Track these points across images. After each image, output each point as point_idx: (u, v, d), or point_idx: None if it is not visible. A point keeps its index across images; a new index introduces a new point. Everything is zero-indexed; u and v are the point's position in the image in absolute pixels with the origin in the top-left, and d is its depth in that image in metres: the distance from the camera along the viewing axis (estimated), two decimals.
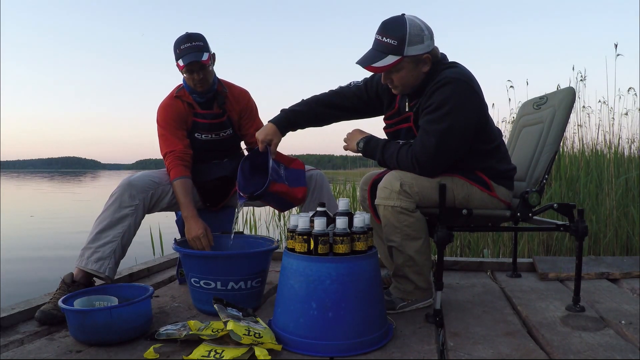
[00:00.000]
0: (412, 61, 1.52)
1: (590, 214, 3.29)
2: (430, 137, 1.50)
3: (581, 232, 1.62)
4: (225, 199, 2.10)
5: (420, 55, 1.52)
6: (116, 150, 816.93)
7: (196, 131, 1.98)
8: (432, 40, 1.55)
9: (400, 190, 1.54)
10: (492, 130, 1.65)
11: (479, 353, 1.29)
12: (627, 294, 1.88)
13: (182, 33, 1.88)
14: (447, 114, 1.48)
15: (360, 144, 1.68)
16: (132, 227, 1.77)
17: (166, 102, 1.96)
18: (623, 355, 1.26)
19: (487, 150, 1.63)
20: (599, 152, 3.96)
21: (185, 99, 1.95)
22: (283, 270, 1.38)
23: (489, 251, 3.42)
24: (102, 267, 1.68)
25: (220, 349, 1.24)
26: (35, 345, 1.37)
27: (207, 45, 1.88)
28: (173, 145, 1.90)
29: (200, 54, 1.83)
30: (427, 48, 1.52)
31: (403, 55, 1.49)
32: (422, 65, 1.55)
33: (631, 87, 4.16)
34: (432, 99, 1.51)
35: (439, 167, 1.57)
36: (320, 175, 2.01)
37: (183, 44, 1.83)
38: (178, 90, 1.97)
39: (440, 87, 1.49)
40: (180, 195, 1.83)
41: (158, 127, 1.96)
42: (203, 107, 1.98)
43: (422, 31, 1.51)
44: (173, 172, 1.86)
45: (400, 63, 1.51)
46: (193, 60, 1.80)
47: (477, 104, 1.54)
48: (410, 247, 1.58)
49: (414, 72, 1.55)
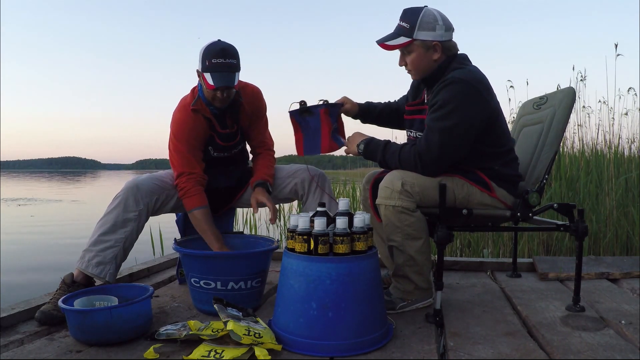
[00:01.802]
0: (421, 45, 1.60)
1: (590, 214, 3.29)
2: (434, 135, 1.53)
3: (581, 232, 1.62)
4: (228, 205, 2.08)
5: (429, 42, 1.59)
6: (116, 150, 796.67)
7: (209, 145, 1.90)
8: (447, 32, 1.61)
9: (401, 189, 1.54)
10: (503, 135, 1.65)
11: (479, 353, 1.29)
12: (627, 294, 1.88)
13: (215, 40, 1.71)
14: (451, 112, 1.51)
15: (360, 146, 1.69)
16: (134, 232, 1.75)
17: (185, 117, 1.82)
18: (623, 355, 1.26)
19: (494, 153, 1.63)
20: (599, 152, 3.96)
21: (203, 113, 1.82)
22: (283, 270, 1.38)
23: (489, 251, 3.42)
24: (103, 272, 1.67)
25: (220, 349, 1.24)
26: (35, 345, 1.37)
27: (239, 61, 1.73)
28: (191, 166, 1.81)
29: (232, 76, 1.68)
30: (438, 37, 1.59)
31: (413, 38, 1.59)
32: (432, 52, 1.61)
33: (631, 87, 4.17)
34: (438, 97, 1.55)
35: (441, 165, 1.58)
36: (322, 176, 2.00)
37: (215, 58, 1.65)
38: (194, 101, 1.81)
39: (446, 86, 1.53)
40: (206, 227, 1.79)
41: (174, 141, 1.82)
42: (220, 123, 1.87)
43: (435, 20, 1.58)
44: (194, 200, 1.79)
45: (411, 45, 1.60)
46: (224, 85, 1.68)
47: (481, 106, 1.54)
48: (411, 246, 1.58)
49: (424, 58, 1.62)
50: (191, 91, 1.87)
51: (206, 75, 1.67)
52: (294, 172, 2.02)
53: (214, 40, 1.71)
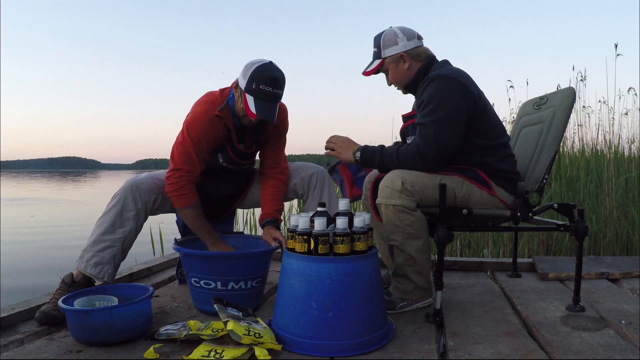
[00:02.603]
0: (391, 61, 1.75)
1: (590, 214, 3.29)
2: (428, 129, 1.57)
3: (581, 232, 1.62)
4: (228, 210, 2.07)
5: (395, 55, 1.73)
6: (116, 150, 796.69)
7: (221, 153, 1.86)
8: (411, 41, 1.73)
9: (401, 188, 1.54)
10: (495, 128, 1.69)
11: (479, 353, 1.29)
12: (627, 294, 1.88)
13: (267, 61, 1.65)
14: (439, 105, 1.57)
15: (357, 153, 1.70)
16: (133, 232, 1.74)
17: (206, 116, 1.73)
18: (623, 355, 1.26)
19: (486, 146, 1.65)
20: (599, 152, 3.96)
21: (226, 122, 1.76)
22: (283, 270, 1.38)
23: (489, 251, 3.42)
24: (101, 272, 1.67)
25: (220, 349, 1.24)
26: (35, 345, 1.37)
27: (284, 90, 1.69)
28: (192, 165, 1.74)
29: (275, 108, 1.66)
30: (402, 48, 1.72)
31: (382, 57, 1.75)
32: (402, 62, 1.74)
33: (631, 87, 4.17)
34: (422, 97, 1.63)
35: (441, 158, 1.59)
36: (323, 173, 1.98)
37: (265, 85, 1.61)
38: (222, 107, 1.73)
39: (428, 84, 1.62)
40: (197, 225, 1.79)
41: (186, 137, 1.73)
42: (239, 138, 1.83)
43: (395, 35, 1.73)
44: (185, 199, 1.75)
45: (384, 65, 1.76)
46: (268, 119, 1.64)
47: (465, 95, 1.59)
48: (411, 246, 1.58)
49: (398, 70, 1.76)
50: (220, 91, 1.79)
51: (248, 99, 1.63)
52: (293, 170, 2.00)
53: (266, 62, 1.65)
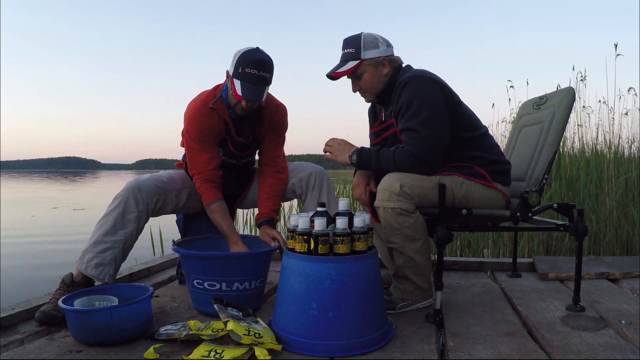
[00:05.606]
0: (371, 64, 1.67)
1: (590, 214, 3.29)
2: (418, 132, 1.56)
3: (581, 232, 1.63)
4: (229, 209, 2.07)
5: (377, 58, 1.67)
6: (116, 150, 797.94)
7: (221, 148, 1.88)
8: (389, 48, 1.70)
9: (400, 191, 1.54)
10: (472, 119, 1.70)
11: (479, 353, 1.29)
12: (627, 294, 1.88)
13: (253, 47, 1.66)
14: (421, 106, 1.56)
15: (353, 156, 1.68)
16: (134, 233, 1.74)
17: (198, 112, 1.77)
18: (623, 355, 1.26)
19: (471, 137, 1.66)
20: (599, 152, 3.96)
21: (221, 114, 1.79)
22: (283, 270, 1.38)
23: (489, 251, 3.42)
24: (102, 273, 1.66)
25: (220, 349, 1.24)
26: (35, 345, 1.37)
27: (273, 75, 1.70)
28: (202, 165, 1.79)
29: (262, 90, 1.66)
30: (383, 52, 1.67)
31: (361, 58, 1.65)
32: (382, 67, 1.68)
33: (631, 87, 4.17)
34: (400, 102, 1.60)
35: (436, 157, 1.59)
36: (322, 173, 1.97)
37: (250, 68, 1.62)
38: (215, 99, 1.76)
39: (403, 88, 1.60)
40: (221, 221, 1.78)
41: (188, 140, 1.80)
42: (237, 129, 1.85)
43: (376, 39, 1.67)
44: (206, 196, 1.79)
45: (361, 67, 1.66)
46: (253, 99, 1.66)
47: (440, 90, 1.60)
48: (410, 248, 1.58)
49: (376, 75, 1.68)
50: (213, 88, 1.82)
51: (236, 83, 1.64)
52: (292, 170, 1.99)
53: (253, 48, 1.67)
